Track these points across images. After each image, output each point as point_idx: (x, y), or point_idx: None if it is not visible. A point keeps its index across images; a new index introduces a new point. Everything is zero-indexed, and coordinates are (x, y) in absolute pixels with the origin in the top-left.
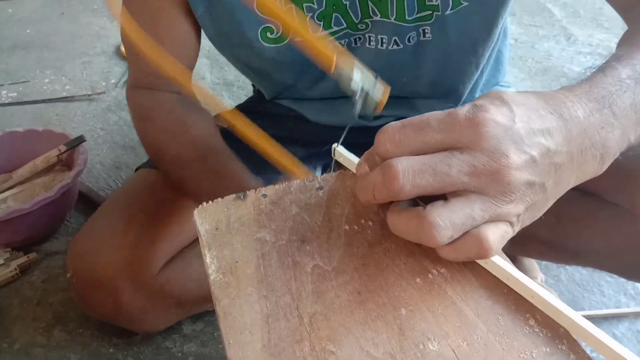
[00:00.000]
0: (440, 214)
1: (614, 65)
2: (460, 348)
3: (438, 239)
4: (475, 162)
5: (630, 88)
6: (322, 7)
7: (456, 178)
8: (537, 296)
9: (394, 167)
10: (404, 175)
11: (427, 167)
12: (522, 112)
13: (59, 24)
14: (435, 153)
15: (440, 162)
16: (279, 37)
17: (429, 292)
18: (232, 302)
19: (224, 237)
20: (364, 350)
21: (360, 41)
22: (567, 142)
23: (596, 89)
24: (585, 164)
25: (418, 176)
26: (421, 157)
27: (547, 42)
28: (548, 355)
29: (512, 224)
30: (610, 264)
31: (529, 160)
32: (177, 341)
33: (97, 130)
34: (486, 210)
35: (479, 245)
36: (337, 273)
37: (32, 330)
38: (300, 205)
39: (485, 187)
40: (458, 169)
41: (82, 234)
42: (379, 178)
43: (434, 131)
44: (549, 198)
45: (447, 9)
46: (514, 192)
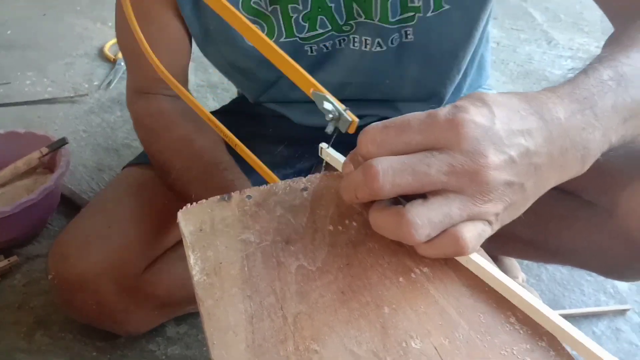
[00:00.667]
0: (418, 212)
1: (596, 67)
2: (443, 346)
3: (415, 237)
4: (454, 162)
5: (612, 89)
6: (308, 8)
7: (435, 177)
8: (517, 296)
9: (374, 167)
10: (384, 174)
11: (406, 166)
12: (503, 113)
13: (42, 25)
14: (416, 153)
15: (419, 162)
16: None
17: (412, 291)
18: (216, 303)
19: (208, 238)
20: (347, 349)
21: (344, 42)
22: (547, 143)
23: (578, 90)
24: (566, 165)
25: (398, 176)
26: (401, 157)
27: (529, 45)
28: (528, 351)
29: (491, 222)
30: (589, 262)
31: (507, 161)
32: (160, 344)
33: (80, 133)
34: (464, 209)
35: (456, 243)
36: (321, 273)
37: (14, 334)
38: (284, 206)
39: (463, 187)
40: (437, 168)
41: (64, 235)
42: (360, 177)
43: (415, 132)
44: (529, 198)
45: (429, 11)
46: (492, 192)
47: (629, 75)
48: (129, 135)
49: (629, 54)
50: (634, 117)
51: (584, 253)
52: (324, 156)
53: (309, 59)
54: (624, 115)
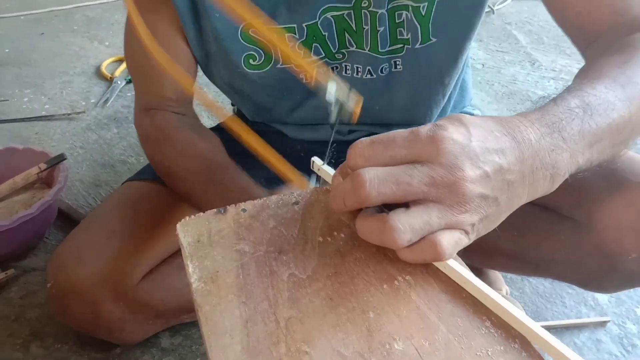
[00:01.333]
0: (400, 218)
1: (564, 96)
2: (423, 347)
3: (398, 241)
4: (434, 174)
5: (579, 116)
6: (303, 37)
7: (417, 188)
8: (489, 298)
9: (361, 176)
10: (370, 183)
11: (391, 177)
12: (479, 132)
13: (39, 43)
14: (401, 165)
15: (402, 173)
16: (262, 64)
17: (395, 297)
18: (213, 309)
19: (205, 248)
20: (335, 350)
21: (337, 70)
22: (519, 162)
23: (547, 116)
24: (537, 183)
25: (383, 185)
26: (387, 168)
27: (513, 67)
28: (502, 353)
29: (467, 232)
30: (568, 274)
31: (482, 175)
32: (155, 355)
33: (77, 149)
34: (442, 218)
35: (434, 249)
36: (311, 281)
37: (9, 346)
38: (277, 219)
39: (442, 197)
40: (418, 179)
41: (63, 245)
42: (348, 186)
43: (399, 147)
44: (502, 212)
45: (417, 43)
46: (468, 203)
47: (594, 104)
48: (125, 152)
49: (594, 85)
50: (599, 142)
51: (563, 266)
52: (315, 170)
53: (302, 85)
54: (590, 140)
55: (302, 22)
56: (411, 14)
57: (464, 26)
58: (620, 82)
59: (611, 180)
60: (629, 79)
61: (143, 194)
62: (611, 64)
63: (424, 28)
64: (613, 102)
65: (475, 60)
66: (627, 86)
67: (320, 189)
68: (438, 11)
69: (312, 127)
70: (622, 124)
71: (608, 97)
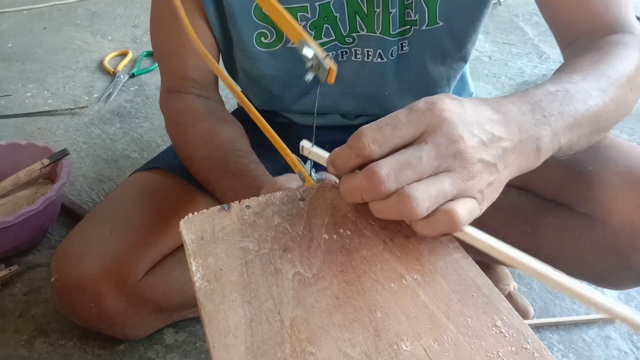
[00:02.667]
0: (417, 188)
1: (544, 83)
2: (432, 348)
3: (417, 210)
4: (439, 147)
5: (558, 99)
6: (315, 17)
7: (428, 165)
8: (512, 258)
9: (377, 173)
10: (388, 178)
11: (404, 164)
12: (469, 105)
13: (42, 38)
14: (407, 149)
15: (412, 156)
16: (273, 42)
17: (403, 297)
18: (217, 308)
19: (208, 246)
20: (341, 351)
21: (346, 55)
22: (507, 132)
23: (528, 97)
24: (524, 154)
25: (399, 175)
26: (396, 156)
27: (520, 59)
28: (513, 354)
29: (477, 200)
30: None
31: (480, 142)
32: (159, 351)
33: (80, 144)
34: (454, 184)
35: (450, 218)
36: (317, 279)
37: (14, 342)
38: (282, 215)
39: (450, 166)
40: (427, 157)
41: (68, 239)
42: (365, 184)
43: (406, 126)
44: (502, 179)
45: (424, 25)
46: (472, 167)
47: (572, 91)
48: (128, 147)
49: (572, 76)
50: (578, 126)
51: (575, 262)
52: (305, 154)
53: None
54: (569, 121)
55: (315, 2)
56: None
57: (470, 13)
58: (595, 76)
59: (625, 177)
60: (602, 73)
61: (149, 186)
62: (586, 60)
63: (432, 10)
64: (589, 91)
65: (482, 52)
66: (601, 79)
67: (326, 185)
68: None
69: (320, 115)
70: (598, 112)
71: (584, 87)
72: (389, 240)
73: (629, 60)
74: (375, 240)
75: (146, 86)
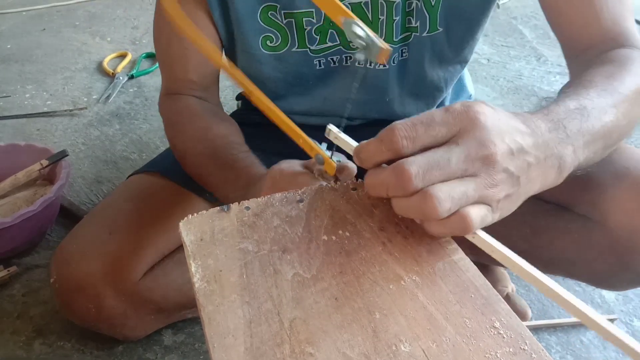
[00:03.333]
0: (441, 189)
1: (563, 99)
2: (430, 349)
3: (438, 210)
4: (469, 151)
5: (577, 117)
6: (320, 22)
7: (456, 168)
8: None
9: (407, 171)
10: (416, 176)
11: (433, 164)
12: (503, 114)
13: (41, 39)
14: (437, 149)
15: (441, 157)
16: (278, 46)
17: (402, 298)
18: (216, 309)
19: (208, 247)
20: (340, 352)
21: (350, 60)
22: (535, 147)
23: (551, 115)
24: (547, 171)
25: (427, 174)
26: (425, 155)
27: (518, 62)
28: (511, 354)
29: (493, 209)
30: (580, 272)
31: (509, 151)
32: (158, 352)
33: (79, 145)
34: (477, 190)
35: (464, 223)
36: (316, 280)
37: (12, 344)
38: (281, 217)
39: (477, 171)
40: (456, 160)
41: (67, 240)
42: (392, 180)
43: (439, 125)
44: (521, 195)
45: (425, 32)
46: (497, 175)
47: (589, 108)
48: (127, 148)
49: (588, 92)
50: (594, 142)
51: (575, 264)
52: (331, 137)
53: (316, 72)
54: (587, 138)
55: None
56: (421, 3)
57: (469, 20)
58: (609, 92)
59: (624, 179)
60: (615, 89)
61: (147, 188)
62: (599, 75)
63: (433, 18)
64: (604, 107)
65: (481, 55)
66: (614, 94)
67: (325, 187)
68: (446, 2)
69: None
70: (612, 127)
71: (600, 103)
72: (387, 242)
73: (637, 75)
74: (374, 242)
75: (145, 87)
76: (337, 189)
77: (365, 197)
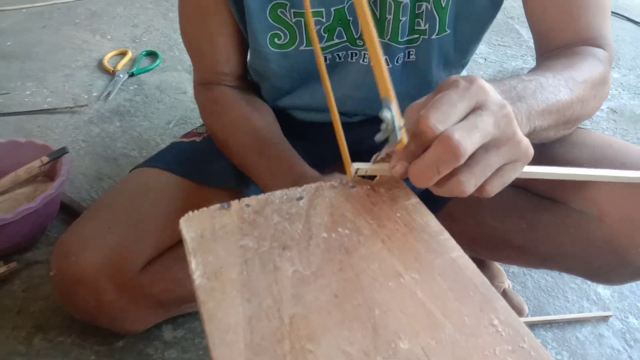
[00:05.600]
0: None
1: (519, 74)
2: (429, 346)
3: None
4: (494, 114)
5: (531, 86)
6: (330, 21)
7: (490, 129)
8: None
9: (452, 138)
10: (463, 140)
11: (471, 127)
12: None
13: (41, 37)
14: (468, 117)
15: (475, 121)
16: (285, 44)
17: (401, 295)
18: (217, 305)
19: (208, 244)
20: (340, 349)
21: (355, 57)
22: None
23: (503, 82)
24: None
25: (471, 136)
26: (461, 123)
27: (515, 61)
28: (510, 352)
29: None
30: (577, 267)
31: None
32: (158, 348)
33: (79, 142)
34: (501, 156)
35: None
36: (316, 277)
37: (12, 339)
38: (281, 214)
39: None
40: (487, 122)
41: (67, 234)
42: (440, 153)
43: (461, 102)
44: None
45: (434, 34)
46: (516, 136)
47: (545, 84)
48: (127, 145)
49: (544, 73)
50: (549, 113)
51: (572, 259)
52: (360, 174)
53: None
54: (542, 107)
55: (331, 7)
56: (432, 5)
57: (476, 22)
58: (565, 77)
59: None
60: (571, 76)
61: (147, 182)
62: (559, 63)
63: (442, 20)
64: (558, 87)
65: (478, 54)
66: (569, 80)
67: (324, 185)
68: (455, 4)
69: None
70: (566, 105)
71: (554, 82)
72: (387, 239)
73: (597, 70)
74: (373, 239)
75: (145, 85)
76: (336, 187)
77: (365, 195)
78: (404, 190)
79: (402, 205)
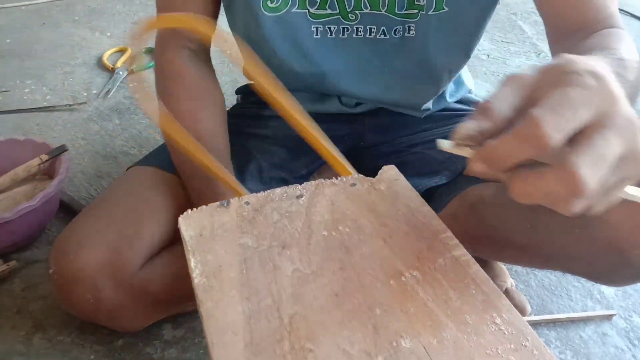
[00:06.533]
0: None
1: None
2: (431, 345)
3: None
4: (623, 136)
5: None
6: None
7: (617, 156)
8: None
9: (577, 174)
10: (590, 179)
11: (599, 159)
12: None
13: (40, 34)
14: (592, 139)
15: (603, 148)
16: (279, 6)
17: (402, 294)
18: (216, 305)
19: (207, 242)
20: (340, 348)
21: (347, 32)
22: None
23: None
24: None
25: (598, 172)
26: (589, 154)
27: (518, 57)
28: (512, 351)
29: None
30: (580, 268)
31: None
32: (158, 347)
33: (79, 140)
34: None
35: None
36: (316, 276)
37: (11, 338)
38: (281, 212)
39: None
40: (615, 150)
41: (65, 232)
42: (557, 185)
43: (582, 108)
44: None
45: (431, 10)
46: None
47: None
48: (127, 143)
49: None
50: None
51: (575, 260)
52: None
53: (311, 42)
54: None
55: None
56: None
57: (478, 2)
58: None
59: None
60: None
61: (145, 180)
62: (608, 39)
63: None
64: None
65: (480, 50)
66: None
67: (324, 182)
68: None
69: (320, 99)
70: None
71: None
72: (388, 238)
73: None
74: (374, 238)
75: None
76: (337, 184)
77: (366, 193)
78: (406, 188)
79: (404, 203)
